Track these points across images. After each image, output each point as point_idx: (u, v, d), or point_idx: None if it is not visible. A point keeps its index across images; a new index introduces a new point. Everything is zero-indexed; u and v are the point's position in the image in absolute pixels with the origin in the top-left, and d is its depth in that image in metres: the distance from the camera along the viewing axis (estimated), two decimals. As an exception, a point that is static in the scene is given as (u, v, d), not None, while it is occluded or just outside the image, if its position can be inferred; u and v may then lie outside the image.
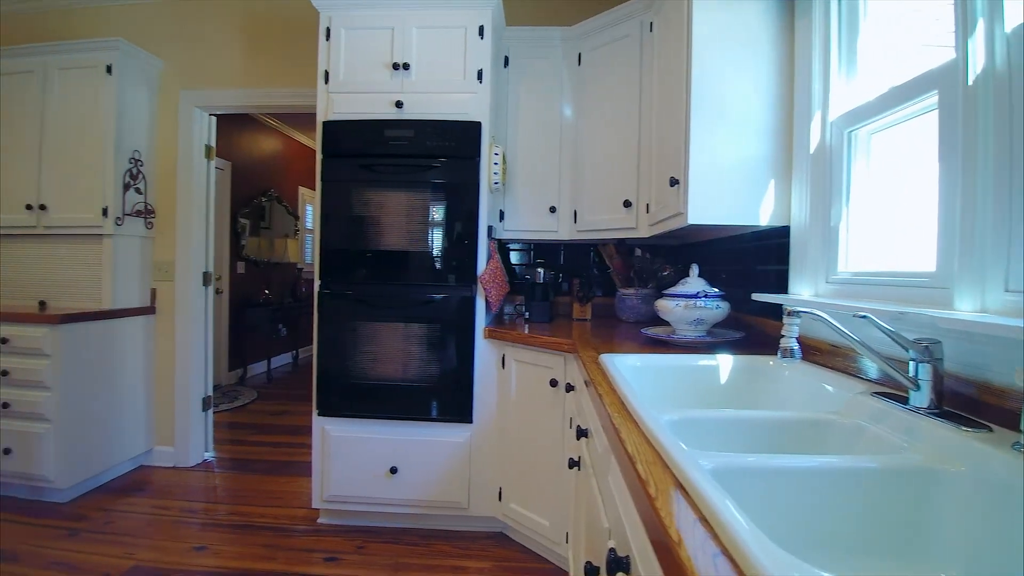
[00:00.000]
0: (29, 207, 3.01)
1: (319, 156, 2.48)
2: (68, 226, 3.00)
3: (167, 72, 3.27)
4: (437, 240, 2.43)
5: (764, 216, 1.75)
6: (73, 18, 3.35)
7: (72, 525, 2.55)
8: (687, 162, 1.73)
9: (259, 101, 3.23)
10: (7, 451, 2.71)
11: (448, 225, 2.42)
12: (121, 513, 2.69)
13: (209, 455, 3.45)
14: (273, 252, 6.10)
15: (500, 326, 2.50)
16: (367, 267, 2.46)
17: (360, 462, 2.47)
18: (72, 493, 2.82)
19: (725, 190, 1.74)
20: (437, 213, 2.42)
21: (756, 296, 1.73)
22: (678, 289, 1.88)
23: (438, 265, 2.43)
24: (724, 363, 1.57)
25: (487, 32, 2.40)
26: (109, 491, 2.94)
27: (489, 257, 2.46)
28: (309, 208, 7.21)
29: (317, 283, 2.49)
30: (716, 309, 1.82)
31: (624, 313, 2.69)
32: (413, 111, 2.43)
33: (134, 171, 3.09)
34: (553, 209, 2.71)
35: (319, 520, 2.62)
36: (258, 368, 5.93)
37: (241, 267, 5.62)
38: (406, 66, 2.43)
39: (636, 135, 2.40)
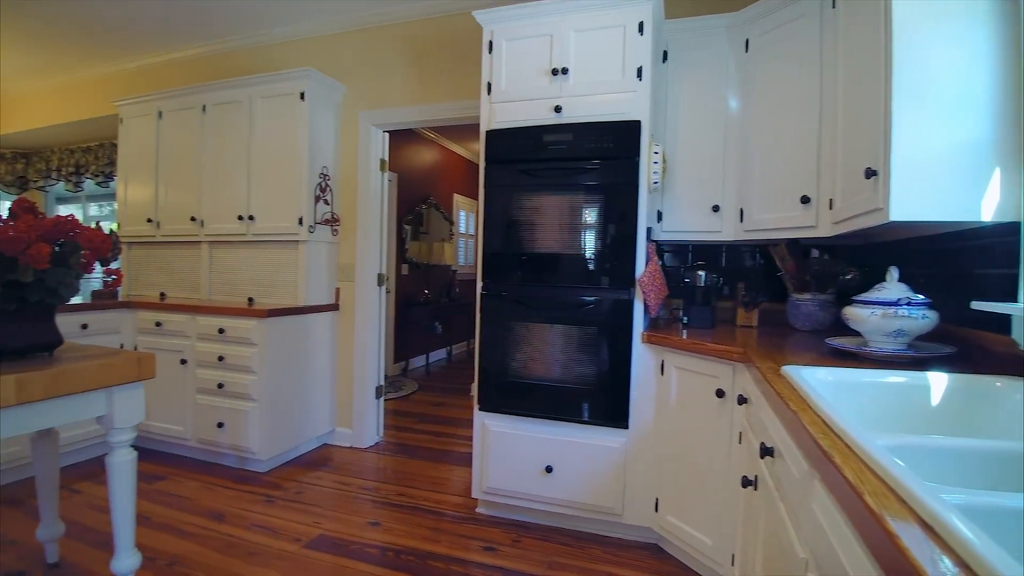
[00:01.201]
0: (240, 218, 3.55)
1: (482, 164, 2.60)
2: (271, 234, 3.49)
3: (348, 95, 3.66)
4: (594, 242, 2.42)
5: (987, 210, 1.48)
6: (271, 52, 3.89)
7: (270, 492, 2.96)
8: (888, 150, 1.52)
9: (425, 116, 3.48)
10: (220, 424, 3.22)
11: (605, 227, 2.40)
12: (309, 485, 3.06)
13: (380, 439, 3.80)
14: (431, 255, 6.54)
15: (657, 331, 2.42)
16: (526, 269, 2.53)
17: (517, 458, 2.55)
18: (270, 464, 3.27)
19: (936, 181, 1.50)
20: (595, 215, 2.41)
21: (978, 305, 1.47)
22: (873, 295, 1.66)
23: (595, 267, 2.42)
24: (936, 382, 1.36)
25: (647, 28, 2.34)
26: (300, 465, 3.36)
27: (648, 259, 2.39)
28: (462, 213, 7.63)
29: (479, 284, 2.62)
30: (922, 319, 1.58)
31: (798, 320, 2.45)
32: (571, 114, 2.45)
33: (323, 184, 3.50)
34: (716, 208, 2.56)
35: (477, 510, 2.75)
36: (417, 362, 6.41)
37: (405, 269, 6.11)
38: (564, 71, 2.45)
39: (816, 123, 2.17)
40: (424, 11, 3.41)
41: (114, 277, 1.89)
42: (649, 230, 2.46)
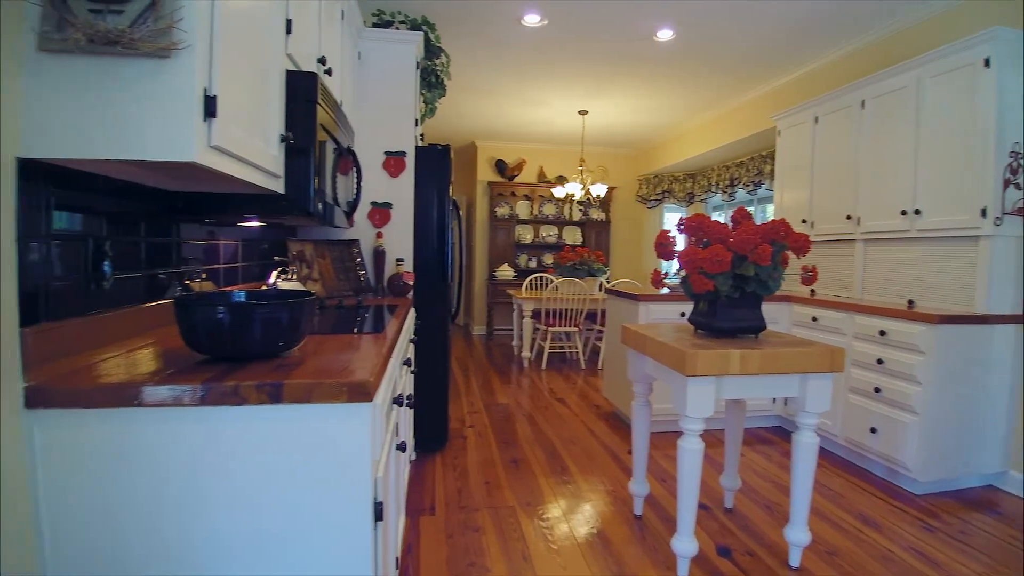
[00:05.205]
0: (904, 212, 3.28)
1: None
2: (939, 228, 3.07)
3: (1061, 43, 2.80)
4: None
5: None
6: (933, 26, 3.46)
7: (926, 520, 2.63)
8: None
9: None
10: (874, 430, 3.08)
11: None
12: (975, 528, 2.56)
13: (1084, 504, 2.80)
14: None
15: None
16: None
17: None
18: (925, 488, 2.92)
19: None
20: None
21: None
22: None
23: None
24: None
25: None
26: (959, 499, 2.86)
27: None
28: None
29: None
30: None
31: None
32: None
33: (1013, 166, 2.82)
34: None
35: None
36: None
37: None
38: None
39: None
40: None
41: (811, 273, 2.08)
42: None
